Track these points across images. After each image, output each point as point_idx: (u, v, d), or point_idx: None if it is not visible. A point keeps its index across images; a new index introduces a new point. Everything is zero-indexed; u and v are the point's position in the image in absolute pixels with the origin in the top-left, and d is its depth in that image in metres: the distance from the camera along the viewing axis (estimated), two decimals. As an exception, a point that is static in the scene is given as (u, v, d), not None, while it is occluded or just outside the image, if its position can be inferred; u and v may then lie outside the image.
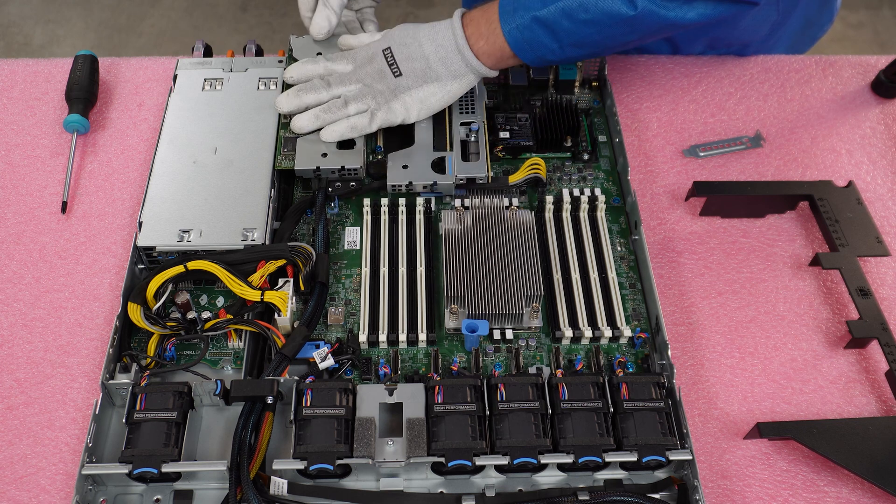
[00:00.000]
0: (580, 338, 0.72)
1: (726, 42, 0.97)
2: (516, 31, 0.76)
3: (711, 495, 0.65)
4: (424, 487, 0.64)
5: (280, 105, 0.81)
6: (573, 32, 0.75)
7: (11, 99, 0.91)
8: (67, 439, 0.67)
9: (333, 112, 0.79)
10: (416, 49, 0.78)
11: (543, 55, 0.78)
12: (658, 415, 0.63)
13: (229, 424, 0.66)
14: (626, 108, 0.92)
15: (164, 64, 0.95)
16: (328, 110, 0.79)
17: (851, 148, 0.90)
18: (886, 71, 0.94)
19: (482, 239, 0.75)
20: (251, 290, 0.69)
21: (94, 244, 0.80)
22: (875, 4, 2.31)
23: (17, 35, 2.21)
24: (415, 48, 0.78)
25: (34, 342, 0.73)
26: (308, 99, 0.80)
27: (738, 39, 0.96)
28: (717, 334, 0.75)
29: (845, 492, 0.66)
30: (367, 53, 0.80)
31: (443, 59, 0.77)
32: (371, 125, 0.79)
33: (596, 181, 0.84)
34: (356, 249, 0.78)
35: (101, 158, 0.87)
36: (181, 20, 2.25)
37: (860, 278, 0.76)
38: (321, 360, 0.67)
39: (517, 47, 0.77)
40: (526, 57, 0.78)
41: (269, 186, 0.77)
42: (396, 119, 0.80)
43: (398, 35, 0.79)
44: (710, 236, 0.82)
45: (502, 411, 0.63)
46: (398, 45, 0.78)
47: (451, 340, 0.72)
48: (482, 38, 0.77)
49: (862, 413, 0.70)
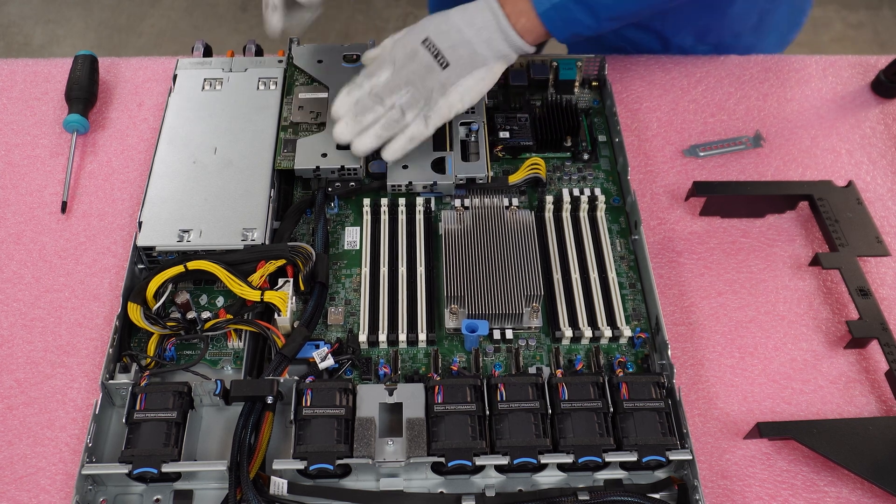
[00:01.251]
0: (580, 338, 0.72)
1: (716, 32, 0.96)
2: (552, 10, 0.73)
3: (711, 495, 0.65)
4: (424, 487, 0.64)
5: (340, 136, 0.77)
6: (613, 6, 0.74)
7: (11, 99, 0.91)
8: (67, 439, 0.67)
9: (393, 127, 0.75)
10: (457, 35, 0.74)
11: (578, 31, 0.76)
12: (658, 415, 0.63)
13: (229, 424, 0.66)
14: (625, 107, 0.92)
15: (163, 64, 0.95)
16: (387, 127, 0.75)
17: (851, 148, 0.90)
18: (886, 71, 0.93)
19: (482, 239, 0.75)
20: (251, 290, 0.69)
21: (94, 244, 0.80)
22: (875, 4, 2.31)
23: (17, 35, 2.21)
24: (454, 35, 0.74)
25: (34, 342, 0.73)
26: (367, 120, 0.76)
27: (729, 28, 0.95)
28: (716, 334, 0.75)
29: (845, 492, 0.66)
30: (404, 52, 0.75)
31: (486, 41, 0.74)
32: (428, 129, 0.76)
33: (596, 181, 0.84)
34: (356, 249, 0.78)
35: (101, 158, 0.87)
36: (181, 20, 2.25)
37: (860, 278, 0.76)
38: (321, 360, 0.67)
39: (552, 26, 0.75)
40: (559, 34, 0.76)
41: (269, 186, 0.77)
42: (450, 114, 0.76)
43: (432, 25, 0.75)
44: (709, 236, 0.82)
45: (502, 411, 0.63)
46: (436, 33, 0.74)
47: (450, 340, 0.72)
48: (522, 15, 0.74)
49: (862, 413, 0.70)
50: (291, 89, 0.86)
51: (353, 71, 0.86)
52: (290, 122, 0.83)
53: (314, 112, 0.83)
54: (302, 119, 0.83)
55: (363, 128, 0.76)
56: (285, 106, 0.84)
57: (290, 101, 0.84)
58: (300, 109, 0.84)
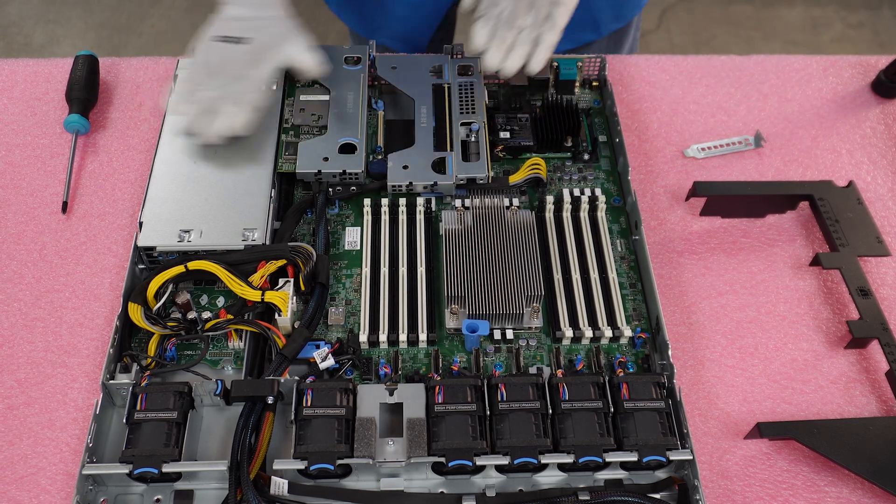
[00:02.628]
0: (580, 338, 0.72)
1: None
2: None
3: (712, 495, 0.65)
4: (425, 487, 0.64)
5: (490, 65, 0.80)
6: None
7: (12, 99, 0.91)
8: (68, 439, 0.67)
9: (530, 42, 0.79)
10: None
11: None
12: (658, 415, 0.63)
13: (230, 424, 0.66)
14: (626, 108, 0.92)
15: (164, 64, 0.95)
16: (525, 43, 0.79)
17: (852, 148, 0.90)
18: (887, 71, 0.94)
19: (483, 239, 0.75)
20: (251, 290, 0.69)
21: (95, 244, 0.80)
22: (875, 4, 2.31)
23: (17, 35, 2.21)
24: None
25: (35, 342, 0.73)
26: (507, 44, 0.79)
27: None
28: (717, 334, 0.75)
29: (846, 492, 0.66)
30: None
31: None
32: (557, 35, 0.79)
33: (596, 181, 0.84)
34: (356, 250, 0.78)
35: (102, 158, 0.87)
36: (181, 20, 2.25)
37: (860, 278, 0.76)
38: (321, 361, 0.67)
39: None
40: None
41: (270, 187, 0.77)
42: (570, 12, 0.79)
43: None
44: (710, 236, 0.82)
45: (503, 411, 0.63)
46: None
47: (451, 340, 0.72)
48: None
49: (862, 413, 0.70)
50: (293, 91, 0.86)
51: (354, 73, 0.86)
52: (291, 124, 0.83)
53: (316, 114, 0.83)
54: (303, 121, 0.83)
55: (506, 52, 0.79)
56: (287, 108, 0.84)
57: (291, 104, 0.84)
58: (302, 112, 0.84)
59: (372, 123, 0.87)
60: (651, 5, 2.29)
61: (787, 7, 2.30)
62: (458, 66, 0.88)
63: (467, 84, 0.86)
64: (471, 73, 0.87)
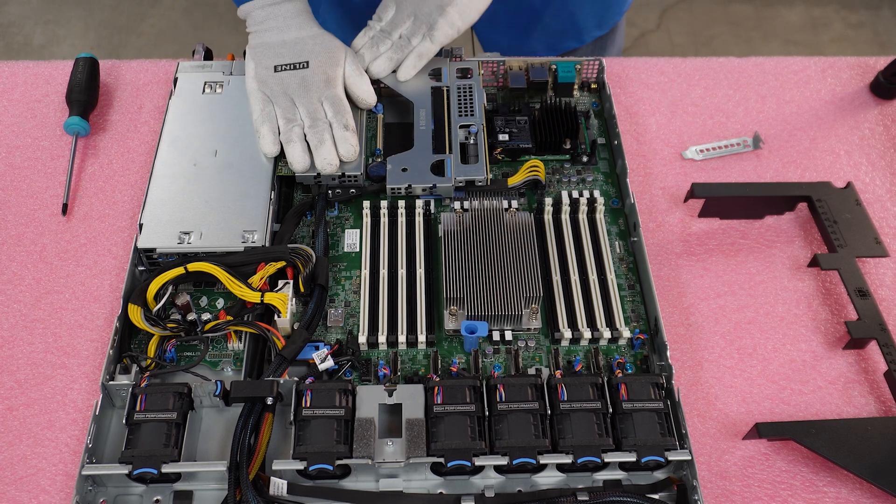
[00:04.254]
0: (579, 339, 0.72)
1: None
2: None
3: (710, 496, 0.66)
4: (424, 488, 0.65)
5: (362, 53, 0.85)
6: None
7: (12, 101, 0.92)
8: (67, 440, 0.68)
9: (403, 49, 0.84)
10: None
11: None
12: (657, 415, 0.64)
13: (229, 425, 0.66)
14: (624, 110, 0.93)
15: (164, 67, 0.95)
16: (398, 49, 0.84)
17: (850, 149, 0.90)
18: (885, 72, 0.94)
19: (481, 241, 0.75)
20: (251, 291, 0.69)
21: (95, 246, 0.80)
22: (875, 4, 2.31)
23: (17, 35, 2.21)
24: None
25: (35, 343, 0.73)
26: (381, 50, 0.85)
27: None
28: (716, 335, 0.75)
29: (844, 492, 0.66)
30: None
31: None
32: (434, 46, 0.84)
33: (595, 183, 0.84)
34: (356, 251, 0.78)
35: (102, 161, 0.87)
36: (181, 20, 2.25)
37: (859, 279, 0.76)
38: (321, 362, 0.67)
39: None
40: None
41: (269, 189, 0.77)
42: (452, 31, 0.84)
43: None
44: (708, 238, 0.82)
45: (501, 412, 0.63)
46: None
47: (450, 342, 0.73)
48: None
49: (861, 413, 0.71)
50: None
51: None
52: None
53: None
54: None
55: (377, 56, 0.85)
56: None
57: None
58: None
59: (371, 126, 0.87)
60: (651, 5, 2.30)
61: (787, 7, 2.30)
62: (457, 69, 0.88)
63: (466, 87, 0.86)
64: (469, 76, 0.88)
